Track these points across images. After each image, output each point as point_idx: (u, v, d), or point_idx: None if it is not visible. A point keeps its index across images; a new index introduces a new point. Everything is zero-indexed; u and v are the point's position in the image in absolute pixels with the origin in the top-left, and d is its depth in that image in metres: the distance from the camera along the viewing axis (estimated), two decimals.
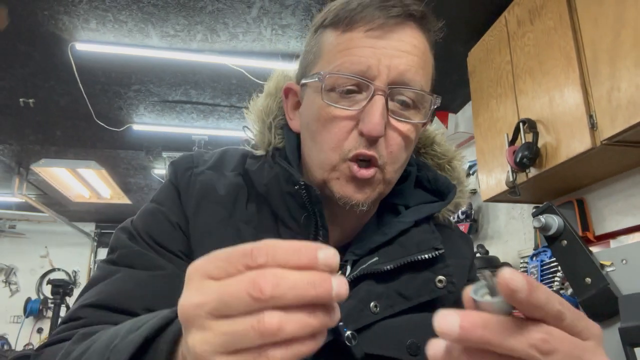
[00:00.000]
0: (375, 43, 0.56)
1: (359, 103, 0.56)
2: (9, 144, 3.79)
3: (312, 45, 0.62)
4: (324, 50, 0.60)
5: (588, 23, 1.58)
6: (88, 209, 5.61)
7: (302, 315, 0.29)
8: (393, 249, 0.60)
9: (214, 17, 2.31)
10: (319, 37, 0.61)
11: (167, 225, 0.62)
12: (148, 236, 0.61)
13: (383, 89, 0.55)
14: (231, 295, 0.29)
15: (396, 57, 0.56)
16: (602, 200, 1.94)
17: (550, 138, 1.74)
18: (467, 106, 3.05)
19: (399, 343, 0.55)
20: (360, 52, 0.56)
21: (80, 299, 0.57)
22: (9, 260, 6.12)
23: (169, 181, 0.68)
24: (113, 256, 0.61)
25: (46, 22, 2.32)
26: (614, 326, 1.12)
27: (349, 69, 0.56)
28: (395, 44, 0.56)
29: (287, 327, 0.28)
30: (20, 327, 5.76)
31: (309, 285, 0.29)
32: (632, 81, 1.38)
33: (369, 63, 0.55)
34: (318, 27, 0.62)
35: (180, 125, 3.51)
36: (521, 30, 1.96)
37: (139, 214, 0.66)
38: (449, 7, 2.20)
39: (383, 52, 0.56)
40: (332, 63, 0.57)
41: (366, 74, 0.55)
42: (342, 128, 0.57)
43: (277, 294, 0.28)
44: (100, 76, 2.82)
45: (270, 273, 0.29)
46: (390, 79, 0.56)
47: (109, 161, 4.16)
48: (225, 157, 0.70)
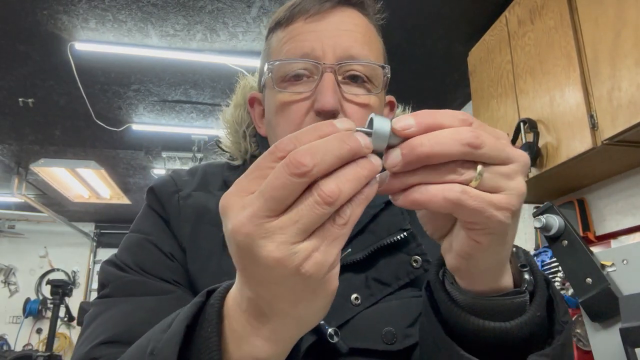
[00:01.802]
0: (316, 27, 0.58)
1: (311, 85, 0.57)
2: (8, 144, 3.78)
3: (264, 50, 0.64)
4: (272, 49, 0.62)
5: (589, 23, 1.58)
6: (87, 209, 5.61)
7: (349, 170, 0.30)
8: (365, 237, 0.60)
9: (213, 17, 2.31)
10: (268, 42, 0.64)
11: (158, 254, 0.59)
12: (139, 267, 0.57)
13: (331, 65, 0.56)
14: (277, 188, 0.29)
15: (338, 36, 0.57)
16: (603, 200, 1.93)
17: (551, 138, 1.74)
18: (467, 106, 3.04)
19: (376, 333, 0.54)
20: (303, 37, 0.58)
21: (86, 339, 0.52)
22: (8, 260, 6.11)
23: (149, 208, 0.64)
24: (106, 291, 0.56)
25: (45, 22, 2.31)
26: (614, 326, 1.12)
27: (294, 54, 0.57)
28: (336, 24, 0.58)
29: (345, 187, 0.30)
30: (20, 327, 5.76)
31: (340, 142, 0.30)
32: (632, 81, 1.37)
33: (313, 45, 0.57)
34: (267, 34, 0.64)
35: (179, 125, 3.50)
36: (522, 30, 1.96)
37: (123, 246, 0.61)
38: (449, 7, 2.20)
39: (325, 34, 0.57)
40: (278, 55, 0.59)
41: (311, 55, 0.56)
42: (297, 112, 0.57)
43: (317, 160, 0.29)
44: (100, 76, 2.81)
45: (301, 149, 0.29)
46: (337, 56, 0.56)
47: (109, 161, 4.16)
48: (208, 175, 0.67)
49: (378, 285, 0.58)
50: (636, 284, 1.10)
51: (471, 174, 0.32)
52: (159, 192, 0.64)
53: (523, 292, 0.40)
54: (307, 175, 0.29)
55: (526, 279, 0.41)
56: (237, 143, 0.68)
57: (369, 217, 0.61)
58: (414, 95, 3.55)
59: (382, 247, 0.59)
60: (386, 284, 0.58)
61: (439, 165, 0.32)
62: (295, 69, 0.57)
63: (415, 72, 2.72)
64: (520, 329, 0.39)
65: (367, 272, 0.58)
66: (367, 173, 0.31)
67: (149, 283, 0.56)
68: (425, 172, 0.32)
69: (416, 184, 0.32)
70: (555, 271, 1.85)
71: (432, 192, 0.32)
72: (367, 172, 0.31)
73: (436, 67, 2.68)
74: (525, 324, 0.39)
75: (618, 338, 1.06)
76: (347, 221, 0.31)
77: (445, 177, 0.32)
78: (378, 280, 0.58)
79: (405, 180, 0.32)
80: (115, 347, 0.48)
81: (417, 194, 0.32)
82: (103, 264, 0.60)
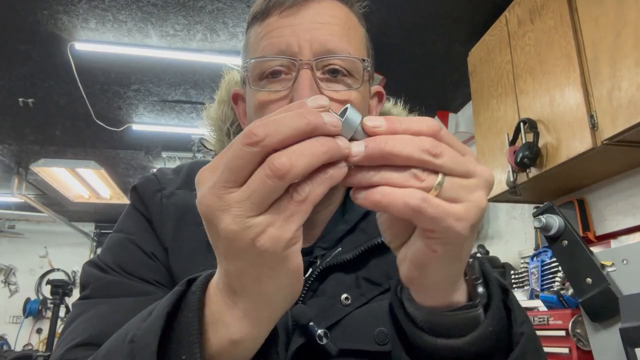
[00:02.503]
0: (291, 21, 0.56)
1: (289, 83, 0.55)
2: (8, 144, 3.78)
3: (244, 45, 0.62)
4: (250, 44, 0.60)
5: (589, 23, 1.58)
6: (87, 209, 5.61)
7: (305, 145, 0.30)
8: (355, 237, 0.59)
9: (213, 17, 2.31)
10: (247, 36, 0.62)
11: (139, 255, 0.58)
12: (120, 268, 0.57)
13: (308, 62, 0.54)
14: (231, 160, 0.30)
15: (314, 29, 0.55)
16: (603, 200, 1.93)
17: (551, 138, 1.74)
18: (467, 106, 3.04)
19: (368, 333, 0.54)
20: (278, 33, 0.55)
21: (63, 340, 0.51)
22: (8, 260, 6.11)
23: (133, 208, 0.63)
24: (86, 292, 0.56)
25: (45, 22, 2.31)
26: (614, 326, 1.12)
27: (270, 51, 0.55)
28: (312, 17, 0.56)
29: (298, 161, 0.29)
30: (20, 327, 5.76)
31: (298, 115, 0.30)
32: (632, 81, 1.38)
33: (288, 41, 0.54)
34: (247, 28, 0.62)
35: (179, 125, 3.50)
36: (522, 30, 1.96)
37: (105, 247, 0.60)
38: (449, 6, 2.20)
39: (300, 28, 0.55)
40: (255, 52, 0.57)
41: (287, 51, 0.54)
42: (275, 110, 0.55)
43: (269, 131, 0.29)
44: (100, 76, 2.81)
45: (258, 122, 0.30)
46: (314, 51, 0.54)
47: (109, 161, 4.16)
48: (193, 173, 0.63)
49: (369, 285, 0.57)
50: (636, 283, 1.10)
51: (431, 182, 0.32)
52: (142, 191, 0.63)
53: (476, 306, 0.39)
54: (258, 145, 0.29)
55: (479, 293, 0.41)
56: (221, 141, 0.67)
57: (360, 215, 0.60)
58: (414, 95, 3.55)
59: (373, 247, 0.58)
60: (377, 284, 0.57)
61: (401, 167, 0.33)
62: (272, 66, 0.55)
63: (415, 72, 2.72)
64: (472, 344, 0.38)
65: (358, 272, 0.57)
66: (325, 150, 0.31)
67: (128, 284, 0.55)
68: (387, 171, 0.33)
69: (378, 183, 0.33)
70: (555, 271, 1.85)
71: (393, 196, 0.32)
72: (326, 149, 0.31)
73: (436, 67, 2.68)
74: (478, 339, 0.38)
75: (618, 338, 1.06)
76: (304, 199, 0.31)
77: (407, 180, 0.32)
78: (369, 280, 0.57)
79: (368, 176, 0.33)
80: (91, 349, 0.46)
81: (379, 196, 0.32)
82: (85, 264, 0.59)
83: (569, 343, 1.58)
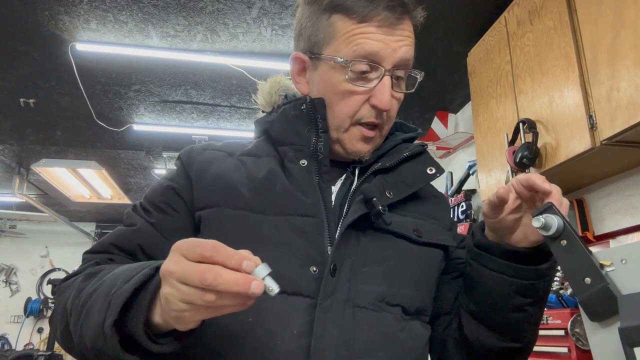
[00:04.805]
0: (385, 33, 0.71)
1: (371, 81, 0.72)
2: (9, 144, 3.79)
3: (324, 26, 0.74)
4: (337, 34, 0.72)
5: (587, 23, 1.58)
6: (88, 209, 5.62)
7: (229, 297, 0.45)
8: (390, 155, 0.80)
9: (214, 18, 2.31)
10: (331, 21, 0.73)
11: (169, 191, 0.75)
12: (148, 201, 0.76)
13: (389, 70, 0.71)
14: (189, 275, 0.45)
15: (399, 44, 0.72)
16: (602, 200, 1.94)
17: (550, 138, 1.74)
18: (467, 106, 3.05)
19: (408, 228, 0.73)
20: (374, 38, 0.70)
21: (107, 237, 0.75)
22: (9, 260, 6.12)
23: (178, 161, 0.81)
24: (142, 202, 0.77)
25: (46, 22, 2.32)
26: (613, 326, 1.12)
27: (365, 52, 0.70)
28: (399, 33, 0.72)
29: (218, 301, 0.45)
30: (21, 327, 5.77)
31: (235, 282, 0.44)
32: (631, 81, 1.38)
33: (380, 49, 0.70)
34: (325, 9, 0.73)
35: (180, 125, 3.51)
36: (521, 31, 1.96)
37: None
38: (449, 7, 2.20)
39: (391, 40, 0.71)
40: (349, 47, 0.71)
41: (377, 56, 0.70)
42: (357, 101, 0.73)
43: (214, 283, 0.44)
44: (101, 76, 2.82)
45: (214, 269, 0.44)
46: (395, 61, 0.72)
47: (110, 161, 4.16)
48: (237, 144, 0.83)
49: (404, 185, 0.76)
50: (635, 283, 1.10)
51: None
52: (182, 151, 0.81)
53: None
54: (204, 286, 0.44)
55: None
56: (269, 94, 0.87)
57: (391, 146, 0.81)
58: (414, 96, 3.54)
59: (405, 159, 0.78)
60: (409, 185, 0.76)
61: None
62: (364, 67, 0.71)
63: None
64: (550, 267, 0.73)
65: (396, 177, 0.77)
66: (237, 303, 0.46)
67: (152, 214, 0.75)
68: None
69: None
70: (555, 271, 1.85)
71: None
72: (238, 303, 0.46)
73: (436, 68, 2.68)
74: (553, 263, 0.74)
75: (617, 337, 1.06)
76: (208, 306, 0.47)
77: None
78: (404, 182, 0.76)
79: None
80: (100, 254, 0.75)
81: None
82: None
83: (568, 342, 1.58)
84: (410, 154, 0.78)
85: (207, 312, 0.47)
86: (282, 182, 0.72)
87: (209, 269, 0.44)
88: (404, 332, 0.69)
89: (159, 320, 0.51)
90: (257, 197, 0.70)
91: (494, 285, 0.69)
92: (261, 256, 0.47)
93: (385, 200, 0.72)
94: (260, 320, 0.62)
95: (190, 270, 0.45)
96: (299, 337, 0.61)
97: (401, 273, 0.71)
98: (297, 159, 0.74)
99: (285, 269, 0.64)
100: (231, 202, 0.70)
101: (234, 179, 0.72)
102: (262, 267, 0.46)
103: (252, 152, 0.78)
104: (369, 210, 0.68)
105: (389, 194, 0.73)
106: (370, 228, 0.70)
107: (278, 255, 0.65)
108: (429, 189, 0.85)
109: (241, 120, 3.48)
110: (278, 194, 0.70)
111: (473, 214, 2.88)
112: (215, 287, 0.43)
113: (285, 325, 0.62)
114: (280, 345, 0.61)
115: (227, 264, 0.45)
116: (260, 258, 0.46)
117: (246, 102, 3.17)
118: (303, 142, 0.75)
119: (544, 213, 0.65)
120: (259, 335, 0.62)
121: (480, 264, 0.71)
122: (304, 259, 0.66)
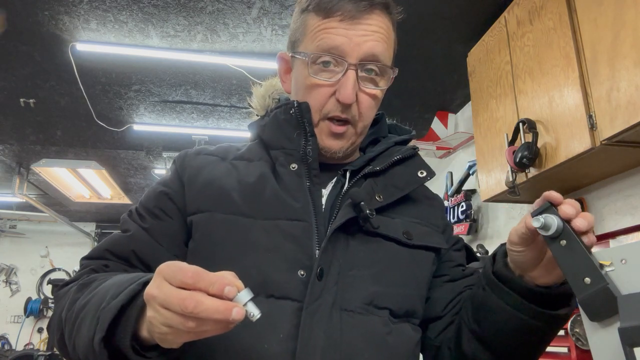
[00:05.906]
0: (348, 27, 0.70)
1: (336, 75, 0.71)
2: (9, 144, 3.79)
3: (299, 24, 0.76)
4: (307, 31, 0.74)
5: (587, 23, 1.58)
6: (88, 208, 5.62)
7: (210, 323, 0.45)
8: (382, 158, 0.79)
9: (214, 18, 2.32)
10: (304, 18, 0.75)
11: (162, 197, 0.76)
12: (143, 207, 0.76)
13: (354, 64, 0.70)
14: (171, 302, 0.45)
15: (366, 41, 0.70)
16: (602, 200, 1.94)
17: (550, 138, 1.74)
18: (466, 106, 3.05)
19: (397, 230, 0.73)
20: (336, 32, 0.70)
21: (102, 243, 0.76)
22: (9, 260, 6.12)
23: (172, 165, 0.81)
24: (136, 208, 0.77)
25: (47, 23, 2.32)
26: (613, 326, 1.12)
27: (327, 46, 0.70)
28: (364, 27, 0.71)
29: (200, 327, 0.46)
30: (21, 327, 5.77)
31: (216, 310, 0.44)
32: (631, 81, 1.38)
33: (341, 44, 0.70)
34: (304, 9, 0.75)
35: (180, 125, 3.51)
36: (521, 31, 1.96)
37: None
38: (449, 7, 2.20)
39: (354, 34, 0.70)
40: (314, 42, 0.72)
41: (339, 49, 0.70)
42: (323, 94, 0.73)
43: (195, 311, 0.44)
44: (101, 76, 2.82)
45: (195, 297, 0.44)
46: (360, 56, 0.70)
47: (110, 161, 4.17)
48: (231, 147, 0.84)
49: (394, 189, 0.76)
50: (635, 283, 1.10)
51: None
52: (178, 155, 0.82)
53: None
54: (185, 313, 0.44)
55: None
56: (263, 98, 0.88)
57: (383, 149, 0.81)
58: (414, 96, 3.54)
59: (396, 161, 0.78)
60: (400, 188, 0.76)
61: None
62: (326, 59, 0.71)
63: (414, 72, 2.72)
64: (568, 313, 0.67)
65: (387, 180, 0.76)
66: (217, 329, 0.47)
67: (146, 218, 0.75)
68: None
69: None
70: None
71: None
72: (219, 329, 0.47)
73: (435, 68, 2.68)
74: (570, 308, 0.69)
75: (617, 337, 1.06)
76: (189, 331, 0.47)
77: None
78: (394, 186, 0.76)
79: None
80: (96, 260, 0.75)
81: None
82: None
83: (568, 342, 1.59)
84: (401, 157, 0.78)
85: (189, 336, 0.47)
86: (272, 187, 0.72)
87: (190, 297, 0.44)
88: (392, 335, 0.68)
89: (146, 334, 0.52)
90: (247, 202, 0.71)
91: (506, 319, 0.66)
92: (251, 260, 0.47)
93: (375, 203, 0.72)
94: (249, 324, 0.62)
95: (172, 296, 0.45)
96: (286, 341, 0.62)
97: (390, 276, 0.70)
98: (288, 163, 0.75)
99: (274, 273, 0.65)
100: (222, 207, 0.70)
101: (225, 184, 0.73)
102: (245, 292, 0.46)
103: (245, 156, 0.79)
104: (357, 214, 0.68)
105: (379, 197, 0.73)
106: (359, 231, 0.70)
107: (267, 259, 0.66)
108: (422, 190, 0.84)
109: (241, 121, 3.48)
110: (268, 198, 0.71)
111: (473, 214, 2.88)
112: (196, 314, 0.44)
113: (273, 328, 0.63)
114: (267, 348, 0.62)
115: (209, 290, 0.45)
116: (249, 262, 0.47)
117: (246, 102, 3.17)
118: (293, 146, 0.75)
119: (544, 213, 0.64)
120: (247, 339, 0.62)
121: (495, 294, 0.67)
122: (292, 263, 0.66)
